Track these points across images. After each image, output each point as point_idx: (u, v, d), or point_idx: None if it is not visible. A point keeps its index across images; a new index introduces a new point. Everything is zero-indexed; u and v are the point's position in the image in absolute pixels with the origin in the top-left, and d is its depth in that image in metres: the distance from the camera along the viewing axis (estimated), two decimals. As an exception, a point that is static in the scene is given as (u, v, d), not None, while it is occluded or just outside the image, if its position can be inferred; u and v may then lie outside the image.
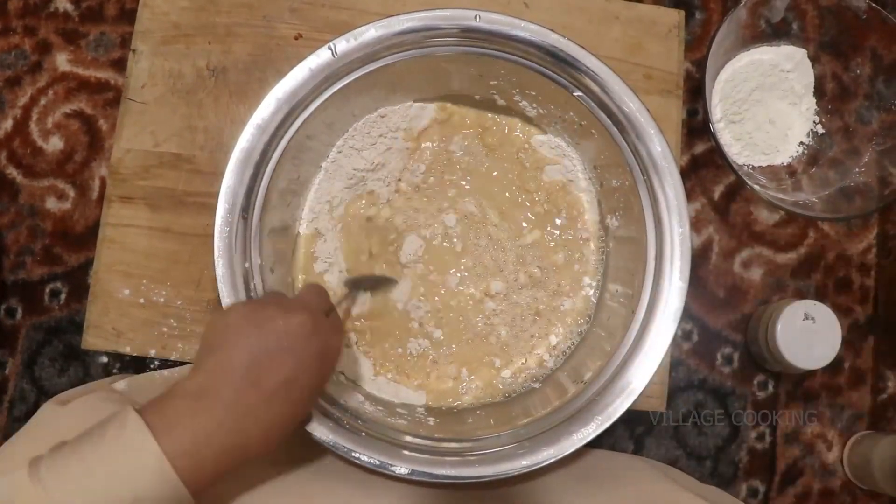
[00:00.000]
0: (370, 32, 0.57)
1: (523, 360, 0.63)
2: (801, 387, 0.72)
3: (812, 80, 0.72)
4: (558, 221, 0.65)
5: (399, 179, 0.65)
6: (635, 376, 0.53)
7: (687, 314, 0.71)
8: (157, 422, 0.41)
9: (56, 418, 0.54)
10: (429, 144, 0.65)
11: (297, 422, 0.47)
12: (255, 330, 0.44)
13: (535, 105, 0.62)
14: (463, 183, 0.65)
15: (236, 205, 0.55)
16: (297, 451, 0.56)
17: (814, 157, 0.72)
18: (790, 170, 0.72)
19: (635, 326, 0.54)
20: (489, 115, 0.66)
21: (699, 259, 0.72)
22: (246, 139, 0.56)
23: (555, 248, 0.64)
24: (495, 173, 0.65)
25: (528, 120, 0.65)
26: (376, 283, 0.63)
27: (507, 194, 0.65)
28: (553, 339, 0.63)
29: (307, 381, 0.45)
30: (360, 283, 0.63)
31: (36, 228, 0.71)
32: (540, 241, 0.64)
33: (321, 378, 0.48)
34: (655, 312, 0.54)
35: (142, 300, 0.66)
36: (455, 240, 0.64)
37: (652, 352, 0.53)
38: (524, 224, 0.64)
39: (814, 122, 0.72)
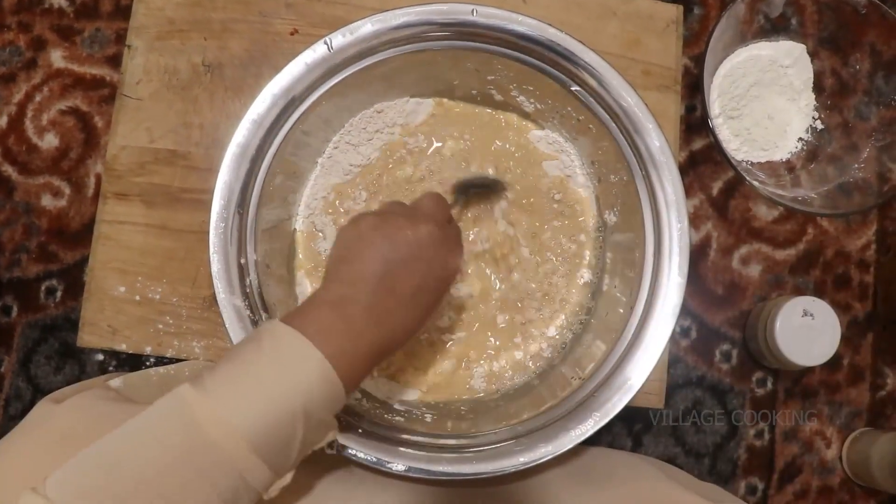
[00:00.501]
0: (366, 27, 0.57)
1: (521, 357, 0.62)
2: (799, 384, 0.71)
3: (811, 75, 0.72)
4: (556, 217, 0.64)
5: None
6: (633, 372, 0.53)
7: (685, 311, 0.71)
8: (309, 329, 0.42)
9: (50, 416, 0.54)
10: (426, 140, 0.65)
11: (425, 322, 0.49)
12: (386, 241, 0.46)
13: (532, 100, 0.62)
14: (459, 178, 0.65)
15: (232, 200, 0.55)
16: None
17: (813, 152, 0.72)
18: (789, 166, 0.72)
19: (633, 322, 0.54)
20: (486, 110, 0.65)
21: (697, 256, 0.71)
22: (242, 134, 0.56)
23: (552, 244, 0.64)
24: (493, 169, 0.65)
25: (525, 115, 0.65)
26: (483, 185, 0.63)
27: (505, 191, 0.65)
28: (550, 335, 0.63)
29: (435, 287, 0.48)
30: (467, 187, 0.62)
31: (31, 226, 0.71)
32: (537, 237, 0.64)
33: (447, 283, 0.50)
34: (654, 308, 0.54)
35: (137, 297, 0.66)
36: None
37: (650, 348, 0.53)
38: (520, 218, 0.64)
39: (813, 117, 0.72)
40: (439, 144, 0.65)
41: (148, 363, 0.68)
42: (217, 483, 0.38)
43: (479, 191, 0.63)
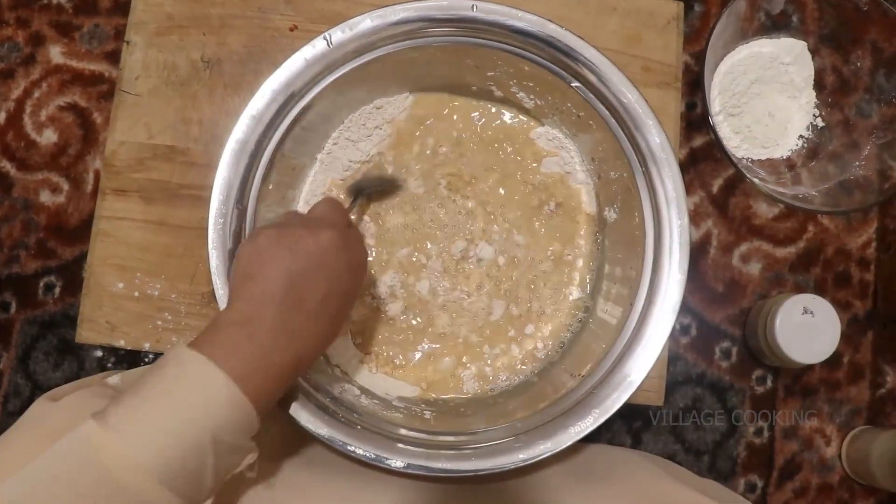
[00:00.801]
0: (366, 23, 0.56)
1: (520, 354, 0.62)
2: (799, 381, 0.71)
3: (812, 72, 0.71)
4: (555, 213, 0.64)
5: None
6: (633, 369, 0.53)
7: (685, 308, 0.71)
8: (214, 352, 0.41)
9: (48, 414, 0.53)
10: (425, 136, 0.65)
11: (338, 330, 0.49)
12: (287, 252, 0.45)
13: (532, 96, 0.62)
14: (459, 175, 0.65)
15: (231, 196, 0.55)
16: (290, 443, 0.55)
17: (813, 150, 0.72)
18: (789, 163, 0.72)
19: (633, 319, 0.54)
20: (486, 106, 0.65)
21: (697, 253, 0.71)
22: (241, 130, 0.56)
23: (552, 240, 0.64)
24: (492, 166, 0.65)
25: (525, 111, 0.65)
26: (380, 185, 0.62)
27: (503, 186, 0.64)
28: (550, 332, 0.62)
29: (343, 292, 0.47)
30: (363, 187, 0.61)
31: (30, 222, 0.71)
32: (537, 233, 0.64)
33: (355, 287, 0.49)
34: (654, 305, 0.53)
35: (136, 294, 0.66)
36: (447, 230, 0.64)
37: (650, 344, 0.53)
38: (521, 215, 0.64)
39: (813, 115, 0.72)
40: (437, 140, 0.65)
41: (146, 359, 0.68)
42: None
43: (376, 190, 0.63)
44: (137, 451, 0.38)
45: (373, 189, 0.62)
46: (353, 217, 0.56)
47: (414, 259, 0.63)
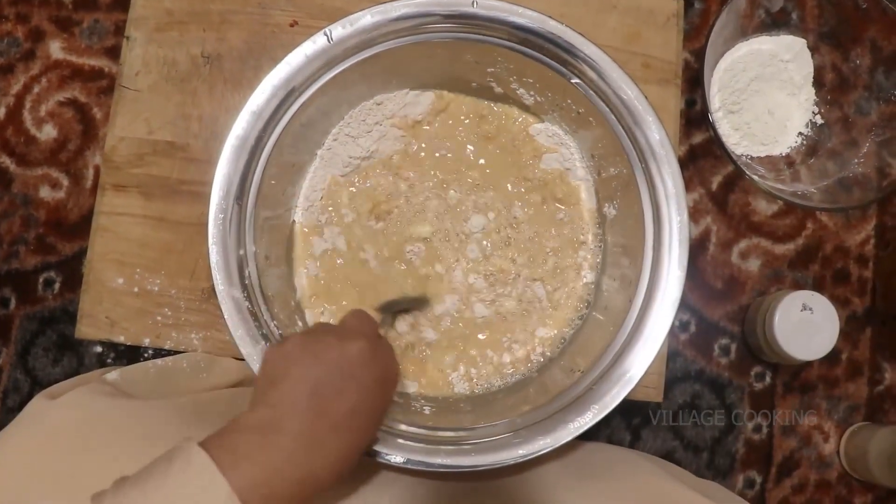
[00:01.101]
0: (366, 18, 0.56)
1: (520, 350, 0.62)
2: (798, 378, 0.71)
3: (811, 70, 0.72)
4: (555, 210, 0.64)
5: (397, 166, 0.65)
6: (633, 365, 0.53)
7: (684, 305, 0.71)
8: (224, 457, 0.39)
9: (46, 412, 0.53)
10: (425, 131, 0.65)
11: (363, 448, 0.46)
12: (314, 360, 0.43)
13: (532, 93, 0.62)
14: (459, 171, 0.65)
15: (231, 192, 0.55)
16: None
17: (812, 147, 0.72)
18: (789, 160, 0.72)
19: (633, 315, 0.54)
20: (486, 102, 0.65)
21: (697, 250, 0.71)
22: (241, 126, 0.55)
23: (551, 237, 0.64)
24: (492, 162, 0.65)
25: (525, 108, 0.65)
26: (410, 304, 0.62)
27: (503, 182, 0.64)
28: (550, 328, 0.63)
29: (371, 407, 0.45)
30: (393, 306, 0.61)
31: (29, 217, 0.71)
32: (536, 230, 0.64)
33: (385, 402, 0.47)
34: (654, 301, 0.53)
35: (136, 289, 0.66)
36: (448, 227, 0.64)
37: (650, 340, 0.53)
38: (520, 212, 0.64)
39: (813, 112, 0.72)
40: (439, 136, 0.65)
41: (146, 355, 0.68)
42: None
43: (405, 307, 0.62)
44: None
45: (402, 307, 0.62)
46: (382, 332, 0.55)
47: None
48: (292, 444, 0.40)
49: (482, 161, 0.65)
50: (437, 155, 0.65)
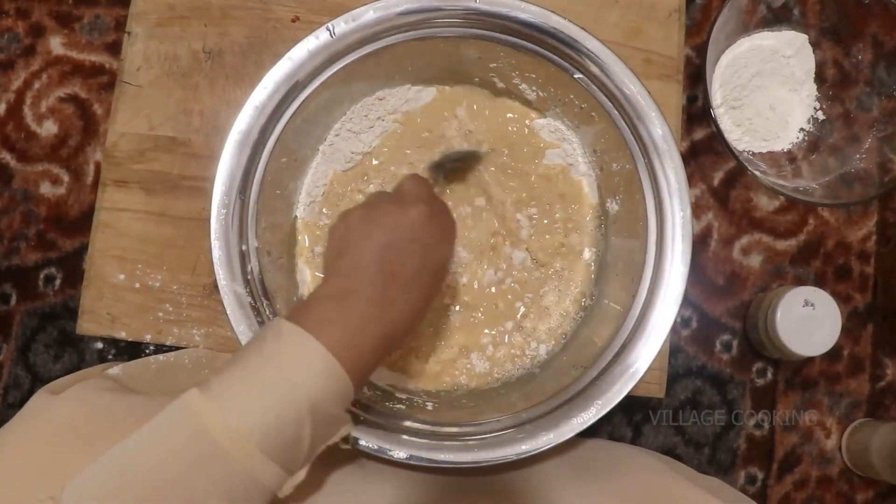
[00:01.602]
0: (369, 14, 0.56)
1: (522, 345, 0.62)
2: (799, 374, 0.71)
3: (813, 66, 0.71)
4: (557, 205, 0.64)
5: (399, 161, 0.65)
6: (636, 360, 0.53)
7: (686, 301, 0.70)
8: (310, 324, 0.42)
9: (48, 408, 0.53)
10: (427, 127, 0.65)
11: (431, 301, 0.48)
12: (377, 228, 0.46)
13: (535, 88, 0.62)
14: (460, 168, 0.64)
15: (233, 187, 0.55)
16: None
17: (814, 143, 0.72)
18: (790, 156, 0.72)
19: (636, 310, 0.54)
20: (488, 98, 0.65)
21: (698, 246, 0.71)
22: (243, 121, 0.55)
23: (554, 232, 0.64)
24: (494, 157, 0.65)
25: (527, 103, 0.64)
26: (459, 158, 0.62)
27: (505, 178, 0.64)
28: (552, 324, 0.62)
29: (435, 264, 0.48)
30: (443, 164, 0.62)
31: (30, 213, 0.70)
32: (539, 225, 0.64)
33: (446, 258, 0.49)
34: (656, 296, 0.53)
35: (137, 285, 0.66)
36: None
37: (653, 336, 0.53)
38: (523, 208, 0.64)
39: (814, 108, 0.72)
40: (441, 131, 0.65)
41: (147, 351, 0.68)
42: (232, 487, 0.39)
43: (456, 164, 0.63)
44: (239, 421, 0.39)
45: (454, 164, 0.62)
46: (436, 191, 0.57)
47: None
48: (368, 306, 0.44)
49: (483, 156, 0.65)
50: (437, 150, 0.65)
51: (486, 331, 0.63)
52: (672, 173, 0.55)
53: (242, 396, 0.40)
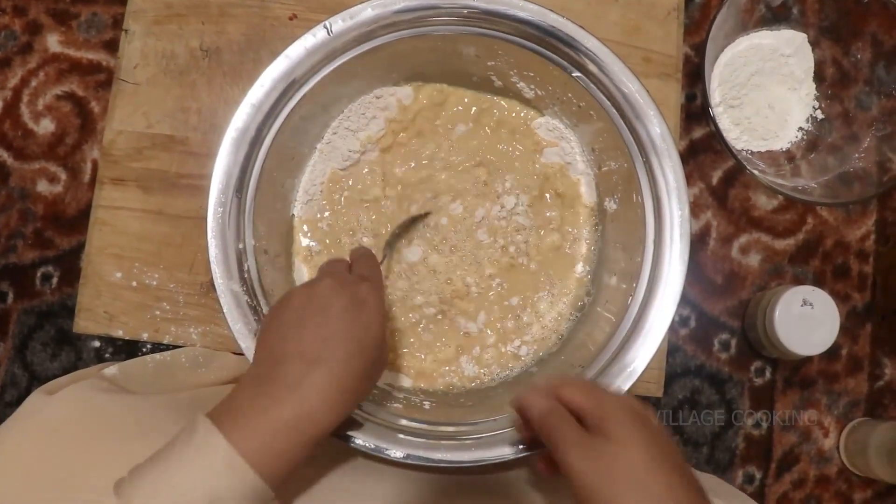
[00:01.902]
0: (367, 12, 0.56)
1: (520, 344, 0.62)
2: (798, 373, 0.71)
3: (812, 64, 0.71)
4: (554, 203, 0.64)
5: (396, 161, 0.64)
6: (634, 359, 0.53)
7: (684, 300, 0.70)
8: (224, 417, 0.41)
9: (43, 408, 0.53)
10: (425, 126, 0.65)
11: (355, 380, 0.45)
12: (281, 306, 0.47)
13: (533, 86, 0.62)
14: (459, 164, 0.64)
15: (230, 185, 0.55)
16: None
17: (813, 142, 0.72)
18: (789, 155, 0.72)
19: (634, 309, 0.54)
20: (486, 96, 0.65)
21: (697, 245, 0.71)
22: (241, 119, 0.55)
23: (552, 231, 0.64)
24: (492, 156, 0.64)
25: (525, 102, 0.64)
26: (408, 227, 0.63)
27: (503, 177, 0.64)
28: (550, 322, 0.62)
29: (345, 334, 0.45)
30: (393, 240, 0.62)
31: (27, 212, 0.70)
32: (537, 224, 0.64)
33: (362, 329, 0.46)
34: (655, 294, 0.53)
35: (134, 283, 0.66)
36: (445, 221, 0.63)
37: (651, 334, 0.53)
38: (521, 207, 0.64)
39: (813, 107, 0.72)
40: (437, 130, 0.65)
41: (144, 349, 0.68)
42: None
43: (404, 230, 0.63)
44: None
45: (401, 232, 0.62)
46: (384, 266, 0.57)
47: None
48: (280, 389, 0.42)
49: (482, 155, 0.65)
50: (436, 148, 0.65)
51: (482, 330, 0.62)
52: (670, 172, 0.55)
53: (148, 494, 0.39)
